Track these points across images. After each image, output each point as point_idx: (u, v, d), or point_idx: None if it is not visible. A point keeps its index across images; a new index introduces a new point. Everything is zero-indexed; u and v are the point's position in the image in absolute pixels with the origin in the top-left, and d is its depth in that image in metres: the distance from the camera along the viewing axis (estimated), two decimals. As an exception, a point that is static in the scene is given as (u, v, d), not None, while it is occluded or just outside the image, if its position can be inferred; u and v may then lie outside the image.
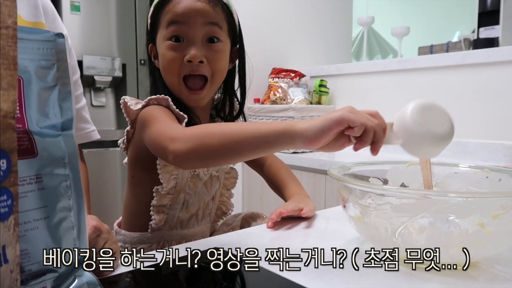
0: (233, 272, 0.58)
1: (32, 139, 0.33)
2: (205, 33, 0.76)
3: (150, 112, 0.73)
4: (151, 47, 0.84)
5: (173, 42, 0.76)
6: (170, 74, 0.78)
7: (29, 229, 0.33)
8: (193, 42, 0.75)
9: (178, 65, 0.76)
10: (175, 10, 0.75)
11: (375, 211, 0.58)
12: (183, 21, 0.75)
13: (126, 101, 0.78)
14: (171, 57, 0.76)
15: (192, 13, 0.75)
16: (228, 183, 0.95)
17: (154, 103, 0.75)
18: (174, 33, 0.75)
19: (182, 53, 0.75)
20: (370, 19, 3.19)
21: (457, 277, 0.54)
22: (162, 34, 0.77)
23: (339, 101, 2.13)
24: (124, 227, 0.87)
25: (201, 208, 0.87)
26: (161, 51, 0.78)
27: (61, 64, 0.36)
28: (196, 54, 0.74)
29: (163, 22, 0.77)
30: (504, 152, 1.52)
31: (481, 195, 0.57)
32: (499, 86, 1.55)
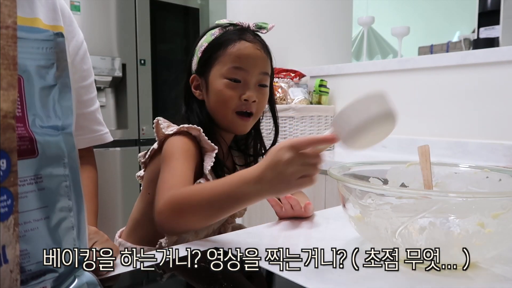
0: (233, 272, 0.58)
1: (32, 139, 0.33)
2: (259, 80, 0.89)
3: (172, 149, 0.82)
4: (194, 78, 0.92)
5: (232, 82, 0.86)
6: (225, 108, 0.87)
7: (29, 229, 0.33)
8: (248, 85, 0.87)
9: (235, 102, 0.86)
10: (239, 56, 0.86)
11: (375, 211, 0.58)
12: (245, 68, 0.86)
13: (160, 122, 0.88)
14: (230, 95, 0.86)
15: (252, 62, 0.87)
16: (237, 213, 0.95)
17: (184, 130, 0.84)
18: (236, 76, 0.86)
19: (239, 92, 0.86)
20: (370, 19, 3.19)
21: (457, 277, 0.54)
22: (220, 72, 0.87)
23: (339, 101, 2.13)
24: (128, 238, 0.90)
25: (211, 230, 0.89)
26: (217, 87, 0.87)
27: (61, 63, 0.36)
28: (253, 96, 0.87)
29: (223, 61, 0.87)
30: (504, 152, 1.52)
31: (481, 195, 0.57)
32: (499, 86, 1.55)
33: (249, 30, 0.91)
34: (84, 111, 0.87)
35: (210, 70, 0.89)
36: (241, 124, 0.89)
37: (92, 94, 0.90)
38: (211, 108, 0.90)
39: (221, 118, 0.89)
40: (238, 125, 0.89)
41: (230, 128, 0.91)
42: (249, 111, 0.88)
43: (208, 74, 0.89)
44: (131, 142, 2.52)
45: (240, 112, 0.88)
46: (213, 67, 0.89)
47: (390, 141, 1.83)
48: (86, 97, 0.87)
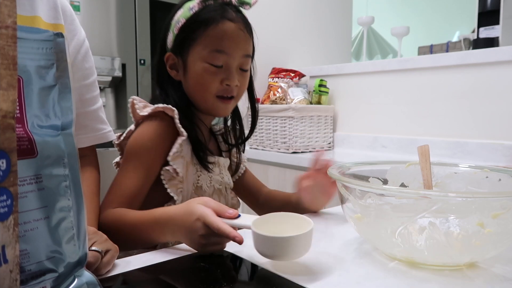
0: (233, 272, 0.58)
1: (32, 139, 0.33)
2: (240, 63, 0.84)
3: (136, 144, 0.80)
4: (169, 56, 0.86)
5: (213, 66, 0.81)
6: (205, 92, 0.83)
7: (29, 229, 0.33)
8: (230, 69, 0.83)
9: (215, 86, 0.82)
10: (221, 39, 0.81)
11: (375, 211, 0.58)
12: (227, 51, 0.81)
13: (135, 102, 0.84)
14: (211, 79, 0.82)
15: (235, 45, 0.82)
16: (235, 202, 0.96)
17: (160, 110, 0.80)
18: (217, 61, 0.81)
19: (220, 77, 0.82)
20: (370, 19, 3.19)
21: (457, 277, 0.54)
22: (200, 55, 0.81)
23: (338, 101, 2.13)
24: None
25: None
26: (197, 70, 0.82)
27: (60, 64, 0.36)
28: (235, 81, 0.83)
29: (203, 43, 0.81)
30: (504, 152, 1.52)
31: (481, 195, 0.57)
32: (499, 86, 1.55)
33: (231, 5, 0.84)
34: (86, 109, 0.87)
35: (188, 51, 0.83)
36: (222, 108, 0.86)
37: (95, 93, 0.89)
38: (190, 90, 0.86)
39: (200, 102, 0.86)
40: (219, 109, 0.86)
41: (210, 111, 0.87)
42: (230, 95, 0.84)
43: (186, 54, 0.83)
44: (131, 142, 2.52)
45: (221, 96, 0.84)
46: (191, 48, 0.83)
47: (390, 141, 1.83)
48: (88, 95, 0.87)
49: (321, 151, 0.86)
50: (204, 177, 0.86)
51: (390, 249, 0.59)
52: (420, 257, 0.56)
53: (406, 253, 0.56)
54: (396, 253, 0.58)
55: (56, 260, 0.35)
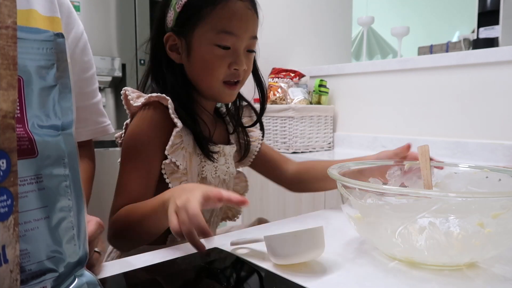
0: (234, 272, 0.58)
1: (32, 139, 0.33)
2: (248, 45, 0.79)
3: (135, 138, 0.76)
4: (169, 37, 0.80)
5: (221, 49, 0.76)
6: (211, 77, 0.78)
7: (29, 229, 0.33)
8: (238, 52, 0.78)
9: (223, 71, 0.78)
10: (230, 19, 0.75)
11: (375, 211, 0.58)
12: (236, 33, 0.76)
13: (127, 93, 0.79)
14: (218, 63, 0.77)
15: (244, 26, 0.77)
16: (239, 188, 0.93)
17: (154, 100, 0.76)
18: (225, 43, 0.76)
19: (228, 60, 0.77)
20: (369, 19, 3.19)
21: (457, 277, 0.54)
22: (207, 36, 0.76)
23: (338, 101, 2.13)
24: None
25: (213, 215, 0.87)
26: (203, 53, 0.77)
27: (61, 64, 0.36)
28: (243, 65, 0.78)
29: (210, 23, 0.75)
30: (504, 152, 1.52)
31: (481, 195, 0.57)
32: (499, 86, 1.55)
33: None
34: (86, 103, 0.86)
35: (193, 31, 0.77)
36: (228, 93, 0.81)
37: (94, 86, 0.89)
38: (194, 75, 0.80)
39: (205, 87, 0.80)
40: (225, 95, 0.81)
41: (215, 97, 0.83)
42: (237, 80, 0.80)
43: (190, 35, 0.77)
44: (131, 142, 2.52)
45: (228, 81, 0.79)
46: (196, 28, 0.76)
47: (390, 141, 1.83)
48: (87, 89, 0.86)
49: (408, 144, 0.84)
50: (208, 168, 0.82)
51: (390, 249, 0.59)
52: (420, 257, 0.56)
53: (406, 253, 0.56)
54: (396, 253, 0.58)
55: (56, 260, 0.35)
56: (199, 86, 0.81)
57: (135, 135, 0.77)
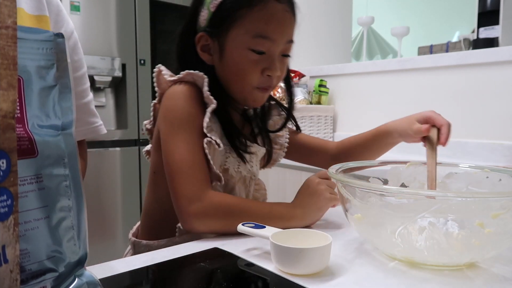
0: (234, 272, 0.58)
1: (32, 139, 0.33)
2: (283, 50, 0.76)
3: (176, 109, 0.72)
4: (201, 37, 0.76)
5: (256, 53, 0.73)
6: (243, 83, 0.75)
7: (30, 229, 0.33)
8: (272, 57, 0.74)
9: (256, 77, 0.75)
10: (268, 23, 0.72)
11: (375, 211, 0.58)
12: (272, 37, 0.73)
13: (161, 69, 0.77)
14: (251, 69, 0.74)
15: (281, 30, 0.73)
16: (258, 195, 0.92)
17: (190, 79, 0.74)
18: (261, 48, 0.73)
19: (262, 66, 0.74)
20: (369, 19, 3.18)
21: (457, 277, 0.54)
22: (242, 40, 0.72)
23: (338, 101, 2.13)
24: (145, 236, 0.82)
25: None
26: (236, 57, 0.74)
27: (61, 64, 0.36)
28: (277, 71, 0.75)
29: (246, 26, 0.72)
30: (504, 152, 1.52)
31: (481, 195, 0.57)
32: (499, 86, 1.55)
33: None
34: (78, 102, 0.85)
35: (226, 34, 0.73)
36: (258, 98, 0.78)
37: (85, 85, 0.88)
38: (225, 78, 0.77)
39: (236, 91, 0.78)
40: (255, 99, 0.78)
41: (245, 102, 0.80)
42: (269, 86, 0.78)
43: (223, 37, 0.74)
44: (131, 142, 2.52)
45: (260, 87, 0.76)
46: (231, 30, 0.73)
47: (390, 141, 1.83)
48: (78, 88, 0.86)
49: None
50: (232, 160, 0.79)
51: (390, 249, 0.59)
52: (420, 257, 0.56)
53: (406, 253, 0.56)
54: (396, 253, 0.58)
55: (57, 259, 0.35)
56: (229, 89, 0.78)
57: (176, 104, 0.73)
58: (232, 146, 0.77)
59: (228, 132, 0.77)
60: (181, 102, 0.73)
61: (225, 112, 0.76)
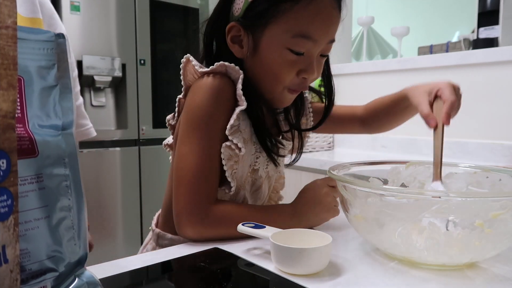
0: (234, 272, 0.58)
1: (32, 138, 0.33)
2: (323, 50, 0.70)
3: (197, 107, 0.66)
4: (233, 27, 0.69)
5: (294, 54, 0.66)
6: (276, 83, 0.70)
7: (30, 229, 0.33)
8: (311, 58, 0.68)
9: (290, 79, 0.69)
10: (313, 21, 0.65)
11: (375, 211, 0.58)
12: (314, 38, 0.66)
13: (190, 59, 0.70)
14: (287, 70, 0.68)
15: (326, 29, 0.66)
16: (278, 185, 0.89)
17: (223, 71, 0.68)
18: (301, 48, 0.66)
19: (298, 67, 0.68)
20: (370, 19, 3.18)
21: (457, 277, 0.54)
22: (281, 38, 0.66)
23: (338, 101, 2.12)
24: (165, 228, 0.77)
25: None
26: (272, 57, 0.67)
27: (61, 64, 0.36)
28: (314, 74, 0.69)
29: (287, 23, 0.65)
30: (504, 152, 1.52)
31: (481, 195, 0.58)
32: (499, 86, 1.55)
33: None
34: None
35: (264, 28, 0.67)
36: (287, 99, 0.73)
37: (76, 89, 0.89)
38: (255, 75, 0.70)
39: (266, 90, 0.71)
40: (283, 100, 0.73)
41: (274, 101, 0.73)
42: (303, 88, 0.72)
43: (260, 32, 0.67)
44: (131, 142, 2.52)
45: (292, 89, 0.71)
46: (270, 25, 0.66)
47: (390, 141, 1.83)
48: None
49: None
50: (262, 160, 0.75)
51: (390, 249, 0.59)
52: (420, 257, 0.56)
53: (406, 253, 0.56)
54: (396, 253, 0.58)
55: (57, 259, 0.35)
56: (259, 86, 0.71)
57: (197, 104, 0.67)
58: (264, 148, 0.73)
59: (259, 132, 0.72)
60: (206, 99, 0.67)
61: (256, 110, 0.71)
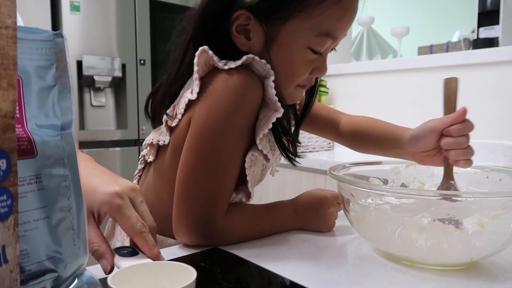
0: (233, 272, 0.58)
1: (31, 139, 0.33)
2: (336, 45, 0.67)
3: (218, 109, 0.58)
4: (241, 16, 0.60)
5: (314, 53, 0.62)
6: (290, 82, 0.65)
7: (29, 229, 0.33)
8: (325, 56, 0.65)
9: (305, 76, 0.66)
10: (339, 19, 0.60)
11: (375, 211, 0.58)
12: (336, 36, 0.62)
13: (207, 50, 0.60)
14: (305, 69, 0.64)
15: (347, 26, 0.63)
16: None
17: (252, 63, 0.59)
18: (321, 48, 0.62)
19: (313, 65, 0.64)
20: (370, 19, 3.18)
21: (457, 277, 0.54)
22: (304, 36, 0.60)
23: (338, 101, 2.13)
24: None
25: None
26: (292, 57, 0.62)
27: (60, 64, 0.36)
28: (326, 70, 0.66)
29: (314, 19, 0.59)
30: (504, 152, 1.52)
31: (481, 195, 0.58)
32: (499, 86, 1.55)
33: None
34: None
35: (285, 22, 0.59)
36: (299, 95, 0.69)
37: None
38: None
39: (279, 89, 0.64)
40: (295, 97, 0.69)
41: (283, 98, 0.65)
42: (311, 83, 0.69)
43: (278, 26, 0.60)
44: (131, 142, 2.52)
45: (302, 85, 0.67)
46: (292, 20, 0.59)
47: (390, 141, 1.83)
48: None
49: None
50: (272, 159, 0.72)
51: (390, 249, 0.59)
52: (420, 257, 0.56)
53: (406, 253, 0.56)
54: (396, 253, 0.58)
55: (56, 260, 0.35)
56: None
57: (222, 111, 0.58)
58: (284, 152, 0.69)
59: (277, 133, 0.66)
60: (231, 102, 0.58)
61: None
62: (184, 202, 0.61)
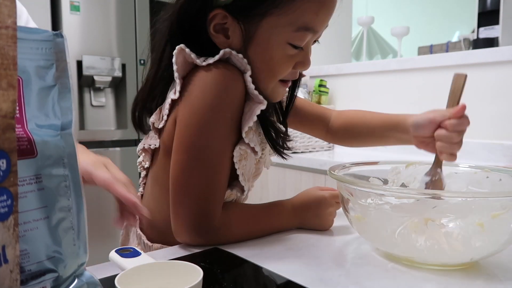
0: (233, 272, 0.58)
1: (31, 139, 0.33)
2: (318, 37, 0.65)
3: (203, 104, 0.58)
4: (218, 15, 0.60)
5: (294, 48, 0.61)
6: (271, 78, 0.64)
7: (29, 229, 0.33)
8: (307, 49, 0.64)
9: (287, 72, 0.64)
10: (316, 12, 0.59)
11: (375, 211, 0.58)
12: (316, 29, 0.61)
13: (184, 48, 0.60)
14: (286, 65, 0.63)
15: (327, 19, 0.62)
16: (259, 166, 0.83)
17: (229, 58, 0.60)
18: (301, 42, 0.61)
19: (295, 60, 0.63)
20: (369, 19, 3.18)
21: (457, 277, 0.54)
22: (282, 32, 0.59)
23: (338, 101, 2.13)
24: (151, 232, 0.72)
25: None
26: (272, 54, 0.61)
27: (60, 64, 0.36)
28: (310, 64, 0.64)
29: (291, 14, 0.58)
30: (504, 152, 1.52)
31: (481, 195, 0.58)
32: (499, 86, 1.55)
33: None
34: None
35: (262, 19, 0.59)
36: (281, 92, 0.67)
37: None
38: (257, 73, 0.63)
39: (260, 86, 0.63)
40: (278, 94, 0.67)
41: (267, 96, 0.64)
42: (294, 78, 0.68)
43: (255, 23, 0.60)
44: (131, 142, 2.52)
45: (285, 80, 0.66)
46: (269, 16, 0.59)
47: (390, 141, 1.82)
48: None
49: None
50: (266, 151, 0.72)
51: (390, 249, 0.59)
52: (420, 257, 0.56)
53: (406, 253, 0.56)
54: (396, 253, 0.58)
55: (56, 260, 0.35)
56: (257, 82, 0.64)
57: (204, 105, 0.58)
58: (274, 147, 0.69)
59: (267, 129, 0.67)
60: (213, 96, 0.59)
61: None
62: (179, 202, 0.62)
